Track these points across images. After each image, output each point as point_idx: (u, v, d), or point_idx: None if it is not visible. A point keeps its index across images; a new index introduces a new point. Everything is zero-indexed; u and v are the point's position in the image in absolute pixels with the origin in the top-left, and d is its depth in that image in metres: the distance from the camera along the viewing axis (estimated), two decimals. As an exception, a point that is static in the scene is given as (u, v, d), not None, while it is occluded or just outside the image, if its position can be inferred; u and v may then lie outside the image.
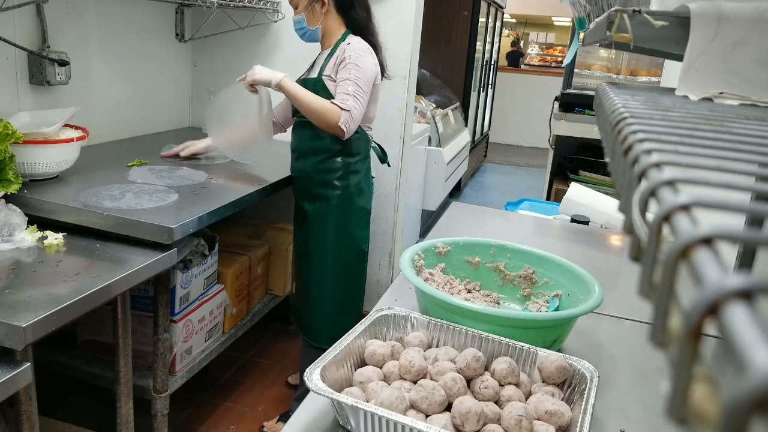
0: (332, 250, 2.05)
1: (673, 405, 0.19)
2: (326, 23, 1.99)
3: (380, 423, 0.77)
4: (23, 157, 1.68)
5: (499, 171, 7.37)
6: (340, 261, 2.07)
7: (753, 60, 0.56)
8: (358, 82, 1.88)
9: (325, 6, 1.95)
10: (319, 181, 2.02)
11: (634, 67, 4.39)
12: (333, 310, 2.09)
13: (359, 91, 1.88)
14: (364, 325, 0.98)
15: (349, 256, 2.08)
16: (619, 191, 0.35)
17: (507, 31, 10.71)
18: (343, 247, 2.06)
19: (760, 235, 0.21)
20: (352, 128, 1.89)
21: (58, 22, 2.08)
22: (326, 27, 1.99)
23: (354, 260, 2.10)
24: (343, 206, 2.02)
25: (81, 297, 1.27)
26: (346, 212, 2.03)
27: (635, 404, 0.99)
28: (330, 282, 2.08)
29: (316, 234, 2.06)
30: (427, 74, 5.28)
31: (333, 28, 1.99)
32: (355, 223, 2.06)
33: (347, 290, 2.12)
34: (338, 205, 2.02)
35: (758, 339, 0.16)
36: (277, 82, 1.90)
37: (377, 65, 1.96)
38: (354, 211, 2.05)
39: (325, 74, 1.95)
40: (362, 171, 2.04)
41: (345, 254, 2.07)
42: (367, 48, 1.94)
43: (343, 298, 2.11)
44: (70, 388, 2.22)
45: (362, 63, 1.89)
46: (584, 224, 2.08)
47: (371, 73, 1.92)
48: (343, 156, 1.98)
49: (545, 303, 1.22)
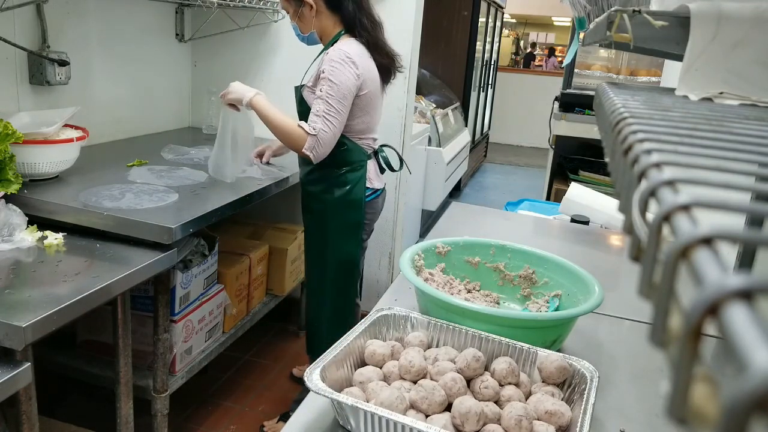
0: (319, 262, 2.00)
1: (673, 405, 0.19)
2: (320, 24, 1.88)
3: (380, 423, 0.77)
4: (23, 157, 1.68)
5: (499, 171, 7.37)
6: (327, 274, 1.99)
7: (753, 60, 0.56)
8: (330, 100, 1.75)
9: (313, 9, 1.84)
10: (309, 191, 1.97)
11: (634, 67, 4.39)
12: (322, 324, 2.05)
13: (330, 111, 1.75)
14: (364, 325, 0.98)
15: (336, 269, 1.99)
16: (619, 191, 0.35)
17: (507, 31, 10.74)
18: (329, 260, 1.98)
19: (760, 235, 0.21)
20: (321, 152, 1.77)
21: (58, 22, 2.08)
22: (321, 28, 1.89)
23: (342, 274, 2.00)
24: (329, 219, 1.94)
25: (81, 297, 1.27)
26: (333, 225, 1.94)
27: (635, 404, 0.99)
28: (317, 296, 2.04)
29: (307, 245, 2.05)
30: (427, 74, 5.28)
31: (327, 27, 1.89)
32: (342, 236, 1.96)
33: (336, 307, 2.03)
34: (324, 218, 1.95)
35: (758, 339, 0.16)
36: (248, 101, 1.84)
37: (358, 75, 1.79)
38: (341, 224, 1.95)
39: (307, 84, 1.87)
40: (351, 182, 1.91)
41: (331, 268, 1.98)
42: (345, 57, 1.78)
43: (330, 315, 2.03)
44: (70, 388, 2.22)
45: (336, 77, 1.75)
46: (584, 224, 2.08)
47: (345, 88, 1.76)
48: (328, 168, 1.88)
49: (545, 303, 1.22)
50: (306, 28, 1.90)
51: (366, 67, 1.84)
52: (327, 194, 1.92)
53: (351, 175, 1.92)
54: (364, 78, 1.83)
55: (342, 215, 1.94)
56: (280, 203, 2.80)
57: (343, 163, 1.90)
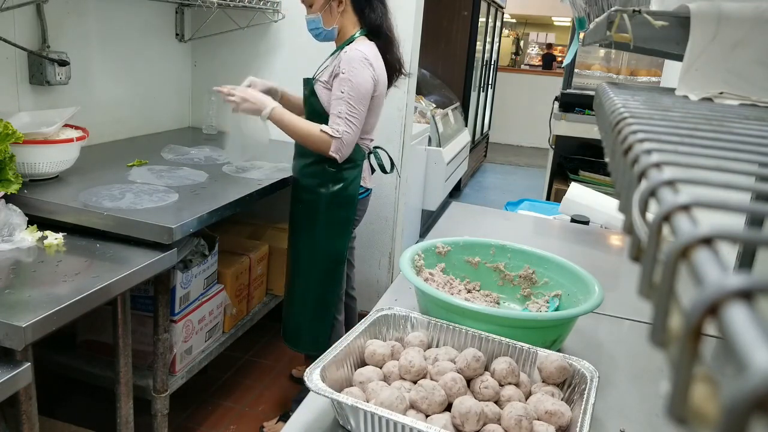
0: (306, 254, 2.02)
1: (673, 405, 0.19)
2: (342, 22, 1.91)
3: (380, 423, 0.77)
4: (23, 157, 1.68)
5: (499, 171, 7.37)
6: (313, 267, 2.02)
7: (753, 60, 0.56)
8: (351, 101, 1.80)
9: (342, 5, 1.88)
10: (303, 185, 2.00)
11: (634, 67, 4.39)
12: (303, 315, 2.06)
13: (352, 112, 1.81)
14: (364, 325, 0.98)
15: (323, 263, 2.02)
16: (619, 191, 0.35)
17: (507, 31, 10.73)
18: (317, 253, 2.01)
19: (760, 235, 0.21)
20: (346, 152, 1.85)
21: (58, 22, 2.08)
22: (341, 26, 1.92)
23: (328, 268, 2.03)
24: (320, 212, 1.97)
25: (81, 297, 1.27)
26: (324, 219, 1.98)
27: (635, 404, 0.99)
28: (301, 287, 2.05)
29: (294, 236, 2.06)
30: (427, 74, 5.28)
31: (348, 27, 1.92)
32: (333, 231, 2.00)
33: (320, 297, 2.05)
34: (316, 211, 1.97)
35: (758, 339, 0.16)
36: (266, 114, 1.85)
37: (374, 77, 1.85)
38: (332, 220, 1.98)
39: (320, 78, 1.90)
40: (348, 179, 1.95)
41: (318, 261, 2.01)
42: (364, 58, 1.82)
43: (314, 305, 2.05)
44: (70, 388, 2.22)
45: (356, 78, 1.80)
46: (584, 224, 2.08)
47: (365, 89, 1.82)
48: (329, 163, 1.92)
49: (545, 303, 1.22)
50: (330, 22, 1.91)
51: (380, 69, 1.90)
52: (321, 188, 1.96)
53: (348, 172, 1.96)
54: (378, 80, 1.88)
55: (334, 211, 1.98)
56: (280, 203, 2.79)
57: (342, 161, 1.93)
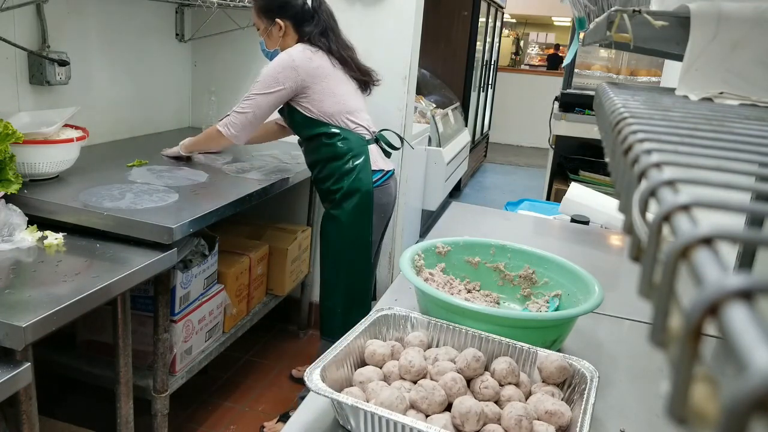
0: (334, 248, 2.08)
1: (673, 405, 0.19)
2: (285, 43, 2.02)
3: (380, 423, 0.77)
4: (23, 157, 1.68)
5: (499, 171, 7.37)
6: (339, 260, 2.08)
7: (753, 60, 0.56)
8: (252, 89, 1.95)
9: (282, 29, 1.99)
10: (321, 189, 2.09)
11: (634, 67, 4.39)
12: (338, 305, 2.11)
13: (247, 96, 1.96)
14: (364, 325, 0.98)
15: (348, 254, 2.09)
16: (619, 191, 0.35)
17: (507, 31, 10.72)
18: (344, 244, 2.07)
19: (760, 235, 0.21)
20: (238, 131, 1.99)
21: (58, 22, 2.08)
22: (284, 46, 2.02)
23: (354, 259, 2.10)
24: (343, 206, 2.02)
25: (81, 297, 1.27)
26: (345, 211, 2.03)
27: (635, 404, 0.99)
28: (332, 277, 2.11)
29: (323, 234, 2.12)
30: (427, 74, 5.28)
31: (289, 45, 2.01)
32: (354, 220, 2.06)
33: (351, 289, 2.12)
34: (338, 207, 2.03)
35: (758, 339, 0.16)
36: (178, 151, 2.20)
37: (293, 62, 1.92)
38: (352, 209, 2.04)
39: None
40: (357, 169, 2.01)
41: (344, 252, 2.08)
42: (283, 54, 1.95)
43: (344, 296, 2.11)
44: (70, 388, 2.22)
45: (264, 69, 1.96)
46: (584, 224, 2.08)
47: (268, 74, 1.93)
48: (332, 160, 2.00)
49: (545, 303, 1.22)
50: (272, 45, 2.06)
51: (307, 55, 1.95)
52: (337, 184, 2.02)
53: (354, 161, 2.02)
54: (306, 66, 1.93)
55: (353, 201, 2.03)
56: (280, 203, 2.80)
57: (344, 152, 2.00)
